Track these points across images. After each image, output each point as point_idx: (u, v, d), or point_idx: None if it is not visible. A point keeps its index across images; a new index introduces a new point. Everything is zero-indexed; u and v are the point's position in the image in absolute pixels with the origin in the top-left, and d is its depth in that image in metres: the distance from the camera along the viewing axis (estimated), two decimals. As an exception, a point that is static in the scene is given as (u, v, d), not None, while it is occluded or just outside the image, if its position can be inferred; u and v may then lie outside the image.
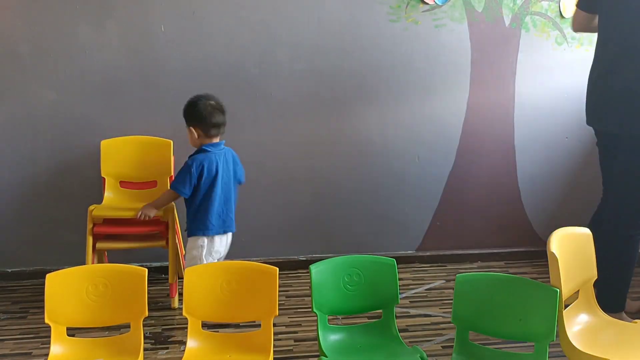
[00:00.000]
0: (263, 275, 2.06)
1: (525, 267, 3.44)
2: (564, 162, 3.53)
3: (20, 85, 3.09)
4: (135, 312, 2.01)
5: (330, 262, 2.18)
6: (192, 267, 2.17)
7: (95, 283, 2.01)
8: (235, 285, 2.06)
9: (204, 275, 2.09)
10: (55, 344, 1.99)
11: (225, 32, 3.14)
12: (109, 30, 3.07)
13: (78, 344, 2.05)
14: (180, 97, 3.17)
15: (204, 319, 2.09)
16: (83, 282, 2.01)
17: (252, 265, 2.13)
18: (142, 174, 3.12)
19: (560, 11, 3.33)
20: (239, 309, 2.08)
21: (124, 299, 2.02)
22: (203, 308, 2.07)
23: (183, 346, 2.59)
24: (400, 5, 3.21)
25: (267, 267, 2.08)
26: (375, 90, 3.31)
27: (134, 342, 2.01)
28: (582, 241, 2.18)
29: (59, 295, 1.99)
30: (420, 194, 3.46)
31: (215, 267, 2.12)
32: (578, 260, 2.11)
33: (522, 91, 3.40)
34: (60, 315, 2.00)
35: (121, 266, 2.08)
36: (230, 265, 2.15)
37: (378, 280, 2.15)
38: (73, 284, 2.01)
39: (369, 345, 2.09)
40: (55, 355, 1.98)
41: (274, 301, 2.04)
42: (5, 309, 2.98)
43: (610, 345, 2.03)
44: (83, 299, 2.00)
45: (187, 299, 2.05)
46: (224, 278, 2.06)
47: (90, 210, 2.91)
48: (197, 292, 2.05)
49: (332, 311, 2.15)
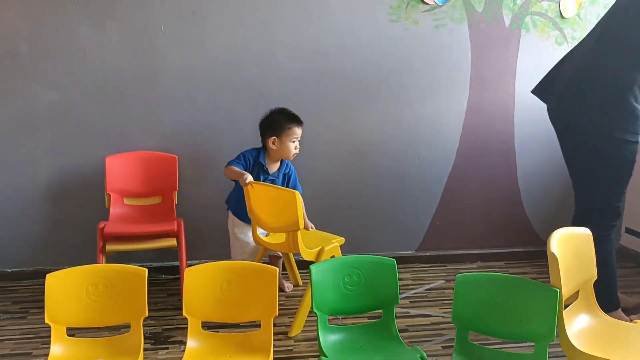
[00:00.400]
0: (263, 275, 2.05)
1: (525, 267, 3.44)
2: (564, 163, 3.52)
3: (20, 85, 3.09)
4: (135, 312, 2.00)
5: (331, 262, 2.18)
6: (191, 267, 2.16)
7: (96, 283, 2.00)
8: (236, 285, 2.05)
9: (204, 275, 2.07)
10: (55, 344, 1.99)
11: (225, 32, 3.14)
12: (109, 30, 3.07)
13: (78, 344, 2.04)
14: (180, 96, 3.19)
15: (204, 319, 2.07)
16: (83, 282, 2.00)
17: (252, 266, 2.13)
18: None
19: (560, 11, 3.33)
20: (239, 309, 2.07)
21: (124, 299, 2.01)
22: (203, 308, 2.06)
23: (183, 346, 2.59)
24: (401, 6, 3.21)
25: (268, 267, 2.08)
26: (375, 90, 3.31)
27: (134, 342, 2.00)
28: (581, 241, 2.18)
29: (59, 296, 1.99)
30: (420, 194, 3.46)
31: (215, 267, 2.10)
32: (578, 260, 2.10)
33: (522, 91, 3.40)
34: (60, 316, 1.99)
35: (121, 266, 2.07)
36: (230, 265, 2.13)
37: (378, 281, 2.15)
38: (73, 284, 2.00)
39: (369, 345, 2.09)
40: (55, 356, 1.97)
41: (274, 301, 2.02)
42: (5, 309, 2.98)
43: (610, 345, 2.02)
44: (83, 299, 1.99)
45: (187, 299, 2.05)
46: (224, 278, 2.06)
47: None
48: (197, 292, 2.05)
49: (332, 311, 2.15)
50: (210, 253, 3.27)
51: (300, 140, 2.91)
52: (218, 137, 3.24)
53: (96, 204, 3.17)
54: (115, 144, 3.17)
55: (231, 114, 3.23)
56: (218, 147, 3.23)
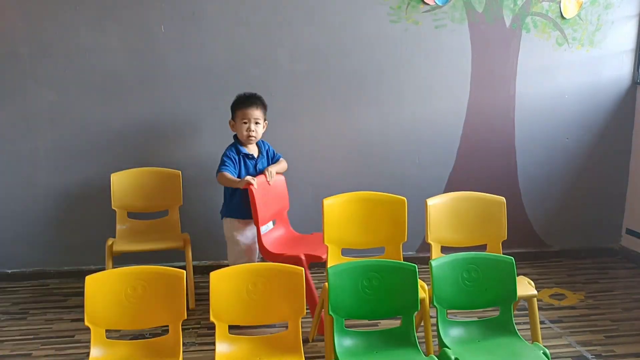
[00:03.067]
0: (289, 276, 2.03)
1: (525, 268, 3.44)
2: (565, 163, 3.53)
3: (20, 86, 3.08)
4: (173, 314, 1.99)
5: (349, 265, 2.11)
6: (217, 271, 2.09)
7: (134, 285, 1.98)
8: (262, 287, 2.03)
9: (229, 278, 2.04)
10: (95, 347, 1.96)
11: (225, 32, 3.14)
12: (109, 30, 3.07)
13: (117, 346, 2.03)
14: (180, 96, 3.18)
15: (231, 323, 2.05)
16: (122, 284, 1.98)
17: (278, 267, 2.09)
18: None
19: (560, 12, 3.32)
20: (266, 310, 2.04)
21: (163, 301, 1.99)
22: (230, 312, 2.03)
23: (192, 347, 2.58)
24: (401, 6, 3.21)
25: (294, 267, 2.05)
26: (375, 91, 3.30)
27: (173, 344, 1.98)
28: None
29: (98, 298, 1.97)
30: (420, 195, 3.44)
31: (241, 270, 2.06)
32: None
33: (522, 92, 3.39)
34: (99, 318, 1.97)
35: (159, 268, 2.03)
36: (255, 268, 2.11)
37: (398, 286, 2.09)
38: (112, 286, 1.98)
39: (386, 351, 2.05)
40: (95, 358, 1.95)
41: (301, 301, 2.01)
42: (5, 309, 2.98)
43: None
44: (122, 302, 1.97)
45: (214, 304, 2.01)
46: (250, 280, 2.03)
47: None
48: (224, 296, 2.02)
49: (349, 315, 2.10)
50: (209, 254, 3.28)
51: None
52: (218, 137, 3.23)
53: (96, 205, 3.17)
54: (116, 144, 3.17)
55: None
56: (218, 147, 3.23)
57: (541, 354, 1.98)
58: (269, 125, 2.94)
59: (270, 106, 2.96)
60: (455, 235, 2.60)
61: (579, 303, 3.04)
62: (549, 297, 3.10)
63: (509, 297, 2.15)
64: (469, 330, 2.15)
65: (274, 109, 3.23)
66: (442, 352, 2.02)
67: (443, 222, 2.59)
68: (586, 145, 3.51)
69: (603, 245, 3.68)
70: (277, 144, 3.26)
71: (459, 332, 2.13)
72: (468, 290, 2.13)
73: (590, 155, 3.53)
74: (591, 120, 3.49)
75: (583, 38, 3.37)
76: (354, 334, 2.11)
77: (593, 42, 3.39)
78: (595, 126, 3.50)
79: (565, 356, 2.52)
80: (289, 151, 3.28)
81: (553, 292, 3.17)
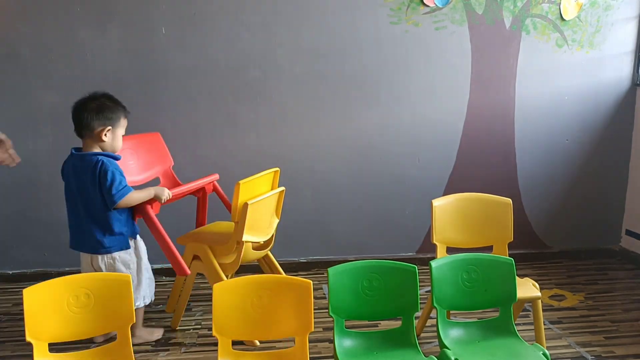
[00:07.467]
0: (296, 288, 1.94)
1: (525, 269, 3.44)
2: (564, 165, 3.53)
3: (21, 87, 3.09)
4: (122, 320, 1.91)
5: (349, 265, 2.10)
6: (220, 283, 1.99)
7: (77, 294, 1.89)
8: (267, 301, 1.94)
9: (233, 291, 1.96)
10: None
11: (226, 34, 3.14)
12: (110, 31, 3.08)
13: (64, 359, 1.93)
14: (180, 98, 3.19)
15: (234, 338, 1.97)
16: (63, 294, 1.88)
17: (284, 279, 2.05)
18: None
19: (560, 14, 3.33)
20: (271, 325, 1.95)
21: (109, 308, 1.91)
22: (234, 327, 1.94)
23: (184, 348, 2.60)
24: (401, 8, 3.22)
25: (301, 280, 1.96)
26: (375, 92, 3.31)
27: (124, 351, 1.90)
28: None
29: (39, 311, 1.85)
30: (420, 196, 3.46)
31: (245, 282, 1.97)
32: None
33: (522, 93, 3.40)
34: (41, 332, 1.85)
35: (103, 274, 1.98)
36: (260, 280, 2.01)
37: (398, 287, 2.09)
38: (53, 297, 1.87)
39: (386, 352, 2.05)
40: None
41: (309, 316, 1.91)
42: (7, 311, 2.98)
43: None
44: (64, 312, 1.87)
45: (216, 317, 1.92)
46: (255, 293, 1.94)
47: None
48: (227, 310, 1.93)
49: (349, 315, 2.10)
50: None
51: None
52: (218, 138, 3.24)
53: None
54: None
55: (231, 116, 3.23)
56: (218, 148, 3.24)
57: (541, 355, 1.98)
58: (268, 126, 2.95)
59: (270, 107, 2.97)
60: (460, 236, 2.59)
61: (579, 304, 3.04)
62: (548, 298, 3.11)
63: (509, 298, 2.16)
64: (469, 331, 2.16)
65: (274, 110, 3.25)
66: (442, 352, 2.03)
67: (449, 223, 2.58)
68: (586, 146, 3.52)
69: (603, 246, 3.69)
70: (277, 144, 3.28)
71: (458, 333, 2.14)
72: (468, 291, 2.14)
73: (590, 157, 3.54)
74: (591, 122, 3.49)
75: (583, 40, 3.37)
76: (354, 334, 2.11)
77: (593, 43, 3.40)
78: (595, 128, 3.51)
79: (565, 357, 2.52)
80: (289, 151, 3.30)
81: (553, 293, 3.18)
